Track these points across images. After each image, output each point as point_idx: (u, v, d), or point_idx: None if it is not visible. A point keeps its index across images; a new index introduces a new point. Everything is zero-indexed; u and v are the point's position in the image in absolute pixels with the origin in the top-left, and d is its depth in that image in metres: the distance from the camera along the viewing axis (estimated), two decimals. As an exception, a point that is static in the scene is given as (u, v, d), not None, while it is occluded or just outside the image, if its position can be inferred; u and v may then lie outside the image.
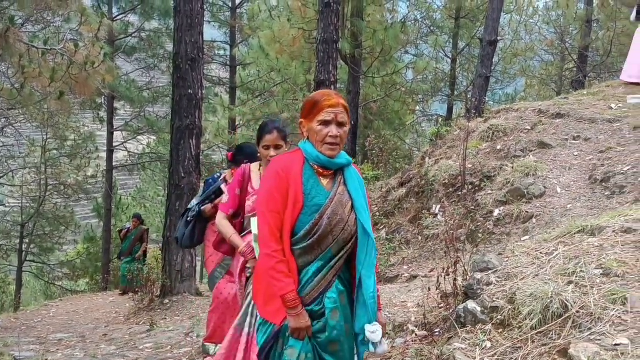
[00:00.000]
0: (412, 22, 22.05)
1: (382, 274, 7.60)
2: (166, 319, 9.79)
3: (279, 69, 17.63)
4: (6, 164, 23.40)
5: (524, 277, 3.91)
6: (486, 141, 9.05)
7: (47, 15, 16.91)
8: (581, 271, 3.72)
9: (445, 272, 4.44)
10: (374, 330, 2.94)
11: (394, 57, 18.97)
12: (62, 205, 24.85)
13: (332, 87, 11.17)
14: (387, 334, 4.70)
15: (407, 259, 7.95)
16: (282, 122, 4.34)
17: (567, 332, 3.32)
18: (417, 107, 23.71)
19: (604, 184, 6.86)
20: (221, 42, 25.83)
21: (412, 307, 5.38)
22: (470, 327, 3.90)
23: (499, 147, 8.61)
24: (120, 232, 15.92)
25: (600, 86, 11.50)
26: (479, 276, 4.18)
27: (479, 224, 7.30)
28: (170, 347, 7.15)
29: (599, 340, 3.15)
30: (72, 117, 23.66)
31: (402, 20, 19.48)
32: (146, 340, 7.91)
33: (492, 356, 3.50)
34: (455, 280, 4.39)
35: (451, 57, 22.72)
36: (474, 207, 7.63)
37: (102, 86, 15.87)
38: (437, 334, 4.27)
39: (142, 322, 9.89)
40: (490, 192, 7.71)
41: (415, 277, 7.14)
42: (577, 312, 3.39)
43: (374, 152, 13.56)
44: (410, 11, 22.21)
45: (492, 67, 17.14)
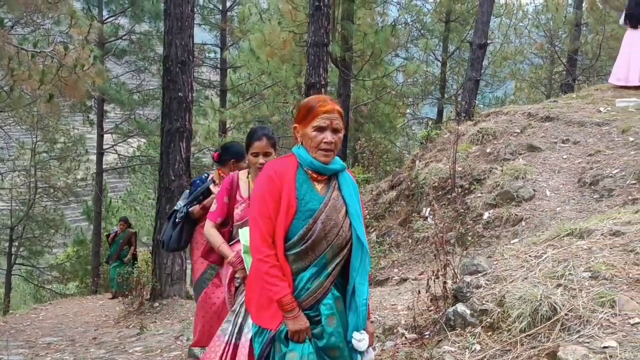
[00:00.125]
0: (403, 25, 22.09)
1: (372, 276, 7.59)
2: (156, 322, 9.75)
3: (269, 72, 17.61)
4: (-5, 167, 23.32)
5: (513, 280, 3.92)
6: (476, 144, 9.08)
7: (37, 17, 16.89)
8: (570, 274, 3.74)
9: (435, 275, 4.45)
10: (361, 339, 2.93)
11: (385, 60, 19.00)
12: (51, 208, 24.71)
13: (323, 90, 11.18)
14: (377, 337, 4.70)
15: (397, 262, 7.96)
16: (271, 130, 4.29)
17: (556, 334, 3.34)
18: (408, 110, 23.77)
19: (592, 187, 6.90)
20: (212, 44, 25.84)
21: (402, 310, 5.39)
22: (459, 330, 3.91)
23: (488, 150, 8.64)
24: (107, 236, 15.83)
25: (589, 89, 11.56)
26: (468, 279, 4.19)
27: (469, 226, 7.32)
28: (160, 350, 7.12)
29: (588, 342, 3.16)
30: (61, 120, 23.60)
31: (393, 23, 19.51)
32: (136, 343, 7.87)
33: (482, 359, 3.51)
34: (445, 283, 4.39)
35: (441, 60, 22.81)
36: (463, 210, 7.66)
37: (92, 89, 15.87)
38: (427, 336, 4.27)
39: (131, 326, 9.85)
40: (479, 195, 7.73)
41: (405, 279, 7.15)
42: (565, 314, 3.41)
43: (365, 154, 13.57)
44: (400, 14, 22.25)
45: (482, 71, 17.20)
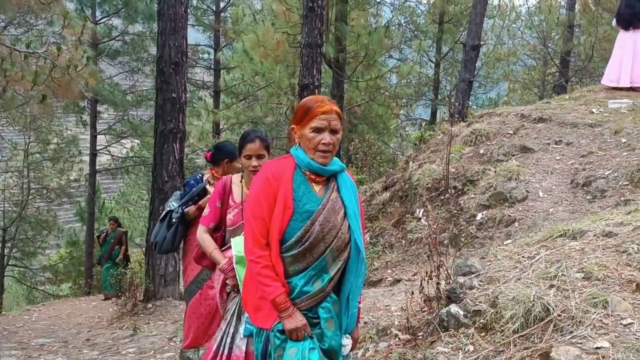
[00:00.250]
0: (396, 26, 22.12)
1: (366, 278, 7.59)
2: (149, 323, 9.72)
3: (263, 73, 17.57)
4: (-12, 168, 23.24)
5: (506, 281, 3.93)
6: (469, 145, 9.09)
7: (30, 18, 16.82)
8: (563, 275, 3.75)
9: (428, 275, 4.45)
10: (346, 343, 2.93)
11: (378, 62, 18.99)
12: (44, 209, 24.64)
13: (317, 91, 11.17)
14: (371, 338, 4.72)
15: (390, 263, 7.96)
16: (264, 132, 4.24)
17: (549, 335, 3.35)
18: (401, 111, 23.73)
19: (585, 188, 6.91)
20: (205, 45, 25.80)
21: (396, 310, 5.39)
22: (453, 330, 3.92)
23: (481, 151, 8.65)
24: (98, 237, 15.75)
25: (581, 91, 11.58)
26: (461, 280, 4.20)
27: (462, 227, 7.32)
28: (153, 351, 7.11)
29: (580, 343, 3.17)
30: (54, 121, 23.54)
31: (386, 24, 19.54)
32: (129, 345, 7.85)
33: (475, 360, 3.52)
34: (438, 284, 4.40)
35: (435, 61, 22.84)
36: (457, 211, 7.67)
37: (85, 89, 15.82)
38: (420, 337, 4.27)
39: (125, 327, 9.83)
40: (473, 196, 7.74)
41: (398, 280, 7.16)
42: (558, 315, 3.41)
43: (358, 156, 13.59)
44: (394, 16, 22.28)
45: (475, 72, 17.25)
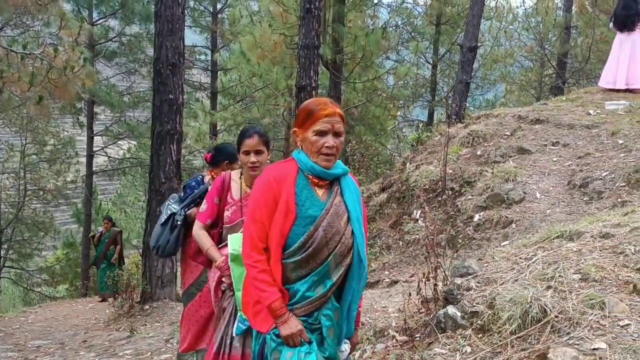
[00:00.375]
0: (393, 28, 22.15)
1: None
2: (146, 325, 9.70)
3: (260, 74, 17.54)
4: (-16, 169, 23.20)
5: (503, 282, 3.93)
6: (466, 147, 9.10)
7: (27, 19, 16.84)
8: (560, 276, 3.75)
9: (425, 277, 4.45)
10: (343, 349, 2.91)
11: (375, 63, 18.97)
12: (41, 210, 24.62)
13: (314, 92, 11.15)
14: (368, 339, 4.71)
15: (388, 264, 7.96)
16: (262, 129, 4.22)
17: (546, 336, 3.35)
18: (398, 113, 23.78)
19: (582, 190, 6.92)
20: (202, 47, 25.83)
21: (393, 312, 5.39)
22: (450, 332, 3.91)
23: (479, 153, 8.66)
24: (93, 237, 15.72)
25: (578, 92, 11.60)
26: (459, 281, 4.19)
27: (459, 229, 7.33)
28: (150, 353, 7.10)
29: (578, 344, 3.17)
30: (51, 122, 23.52)
31: (383, 26, 19.51)
32: (126, 346, 7.84)
33: (472, 361, 3.51)
34: (435, 285, 4.39)
35: (432, 63, 22.91)
36: (454, 213, 7.67)
37: (82, 91, 15.77)
38: (418, 339, 4.27)
39: (121, 329, 9.80)
40: (470, 197, 7.74)
41: (396, 282, 7.15)
42: (555, 316, 3.41)
43: (355, 157, 13.57)
44: (391, 17, 22.30)
45: (472, 73, 17.26)
